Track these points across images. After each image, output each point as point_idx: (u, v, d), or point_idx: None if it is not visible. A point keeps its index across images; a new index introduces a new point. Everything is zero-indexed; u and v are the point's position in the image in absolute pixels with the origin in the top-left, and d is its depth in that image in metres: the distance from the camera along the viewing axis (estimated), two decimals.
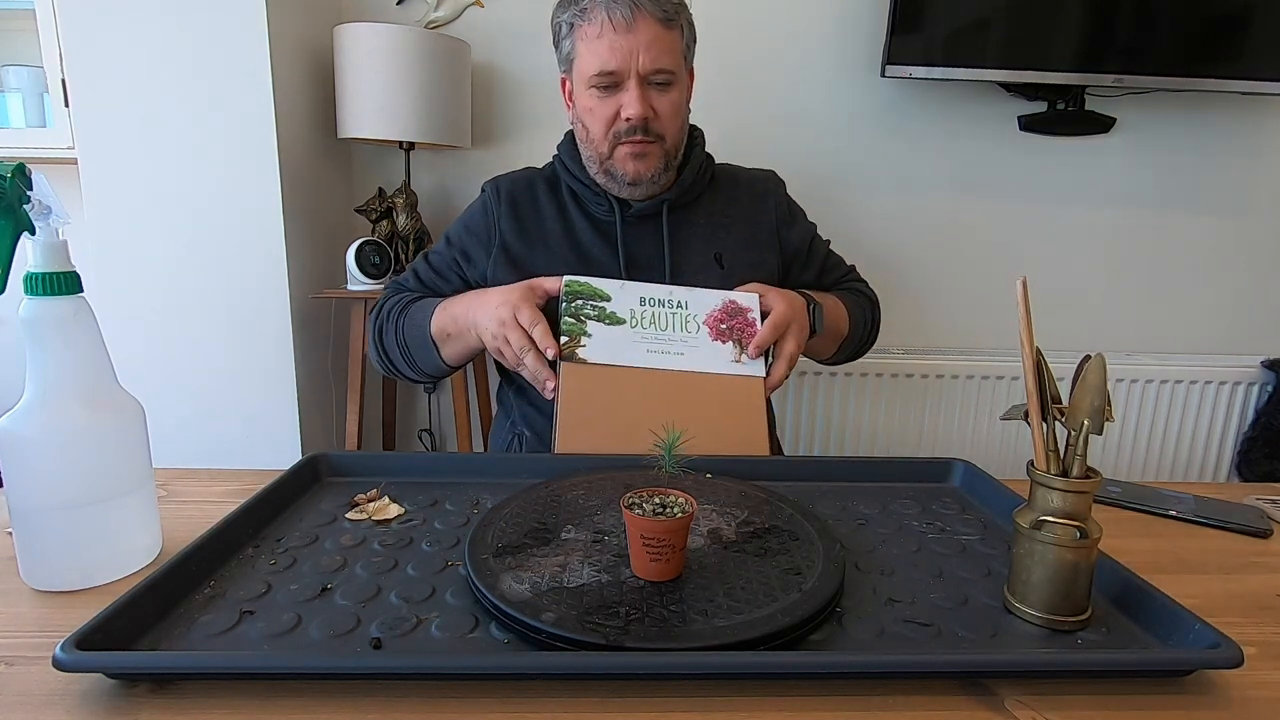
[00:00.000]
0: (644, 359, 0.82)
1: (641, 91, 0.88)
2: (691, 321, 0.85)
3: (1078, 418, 0.50)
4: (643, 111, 0.88)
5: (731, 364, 0.83)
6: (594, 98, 0.90)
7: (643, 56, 0.87)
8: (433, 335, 0.91)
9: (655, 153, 0.92)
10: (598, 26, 0.86)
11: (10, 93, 1.69)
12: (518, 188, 1.00)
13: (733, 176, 1.06)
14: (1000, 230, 1.81)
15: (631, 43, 0.86)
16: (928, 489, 0.77)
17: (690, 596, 0.51)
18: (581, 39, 0.89)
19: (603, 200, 0.97)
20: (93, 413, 0.55)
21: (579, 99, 0.93)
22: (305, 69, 1.50)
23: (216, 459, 1.45)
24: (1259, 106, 1.75)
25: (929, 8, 1.57)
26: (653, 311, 0.84)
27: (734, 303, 0.86)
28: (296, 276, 1.45)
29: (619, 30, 0.85)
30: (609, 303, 0.83)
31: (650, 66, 0.87)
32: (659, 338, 0.83)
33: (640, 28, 0.86)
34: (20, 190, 0.53)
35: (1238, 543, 0.70)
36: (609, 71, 0.87)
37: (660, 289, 0.86)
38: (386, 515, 0.67)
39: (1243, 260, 1.85)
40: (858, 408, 1.76)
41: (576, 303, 0.83)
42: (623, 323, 0.83)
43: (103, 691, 0.44)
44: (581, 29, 0.88)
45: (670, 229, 0.96)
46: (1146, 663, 0.48)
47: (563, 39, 0.92)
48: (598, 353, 0.81)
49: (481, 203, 1.02)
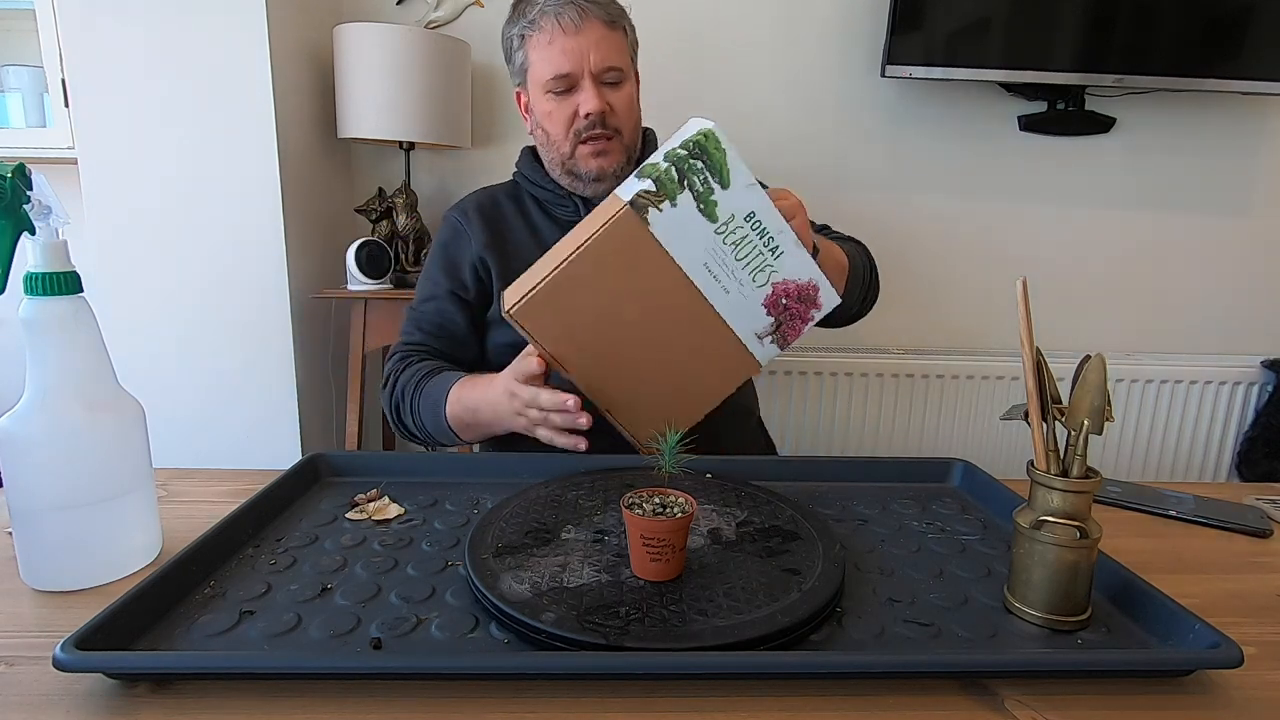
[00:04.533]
0: (692, 270, 0.71)
1: (596, 89, 0.92)
2: (764, 272, 0.73)
3: (1078, 418, 0.50)
4: (600, 105, 0.92)
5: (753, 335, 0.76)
6: (551, 101, 0.93)
7: (593, 55, 0.91)
8: (452, 428, 0.89)
9: (615, 148, 0.96)
10: (548, 34, 0.91)
11: (10, 93, 1.69)
12: (483, 204, 1.03)
13: None
14: (1000, 230, 1.81)
15: (581, 44, 0.90)
16: (928, 489, 0.77)
17: (690, 596, 0.51)
18: (534, 48, 0.93)
19: (567, 201, 1.00)
20: (93, 413, 0.55)
21: (537, 105, 0.96)
22: (305, 69, 1.50)
23: (216, 459, 1.45)
24: (1259, 106, 1.75)
25: (929, 8, 1.57)
26: (746, 234, 0.71)
27: (814, 288, 0.75)
28: (296, 276, 1.45)
29: (568, 33, 0.90)
30: (723, 193, 0.69)
31: (601, 64, 0.91)
32: (724, 262, 0.72)
33: (587, 29, 0.90)
34: (20, 190, 0.53)
35: (1238, 543, 0.70)
36: (563, 74, 0.91)
37: (776, 220, 0.71)
38: (386, 515, 0.67)
39: (1243, 260, 1.85)
40: (858, 408, 1.76)
41: (694, 162, 0.68)
42: (714, 221, 0.70)
43: (103, 691, 0.44)
44: (532, 39, 0.92)
45: None
46: (1146, 663, 0.48)
47: (515, 51, 0.96)
48: (662, 229, 0.69)
49: (452, 226, 1.03)
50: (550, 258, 0.73)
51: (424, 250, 1.59)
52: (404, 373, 0.95)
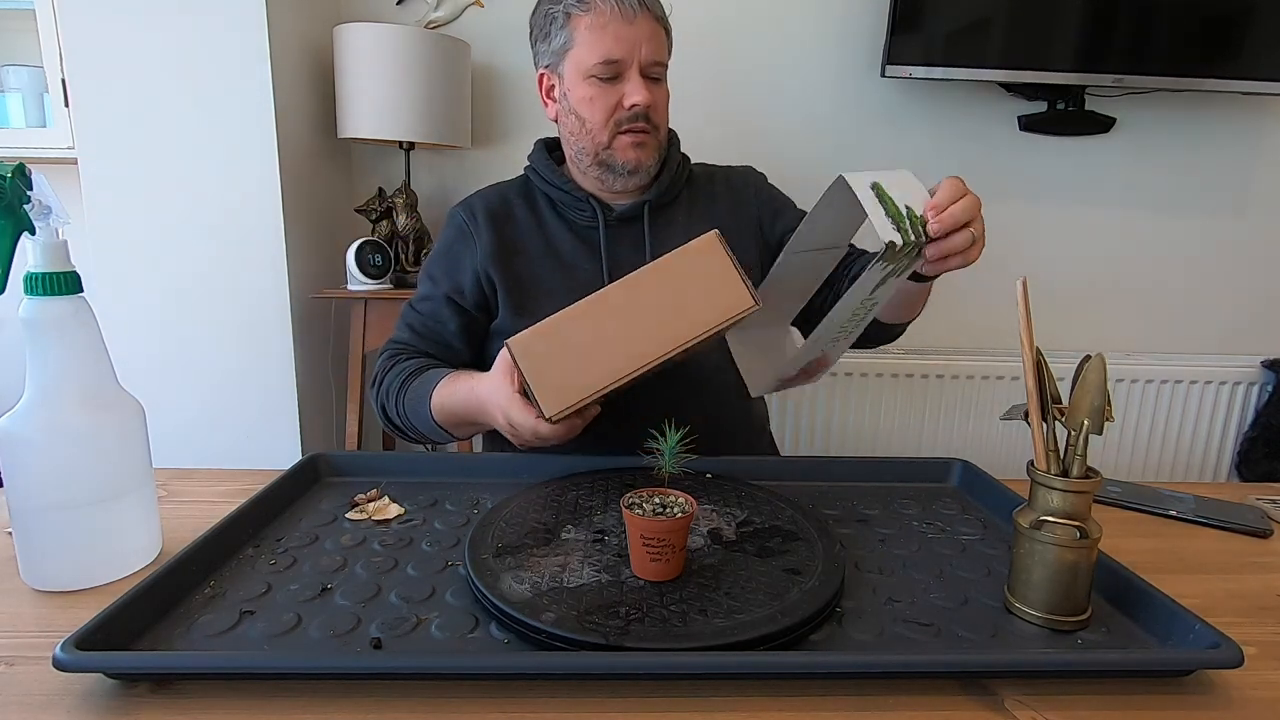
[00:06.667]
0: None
1: (644, 81, 0.90)
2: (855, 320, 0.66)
3: (1078, 418, 0.50)
4: (648, 98, 0.90)
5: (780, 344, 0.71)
6: (594, 86, 0.90)
7: (645, 48, 0.89)
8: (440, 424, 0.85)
9: (652, 143, 0.94)
10: (604, 17, 0.88)
11: (10, 93, 1.69)
12: (491, 204, 0.98)
13: (709, 174, 1.06)
14: (1000, 230, 1.80)
15: (635, 34, 0.89)
16: (928, 489, 0.77)
17: (690, 596, 0.51)
18: (582, 29, 0.89)
19: (584, 205, 0.96)
20: (93, 413, 0.55)
21: (574, 90, 0.92)
22: (305, 69, 1.50)
23: (216, 459, 1.45)
24: (1259, 106, 1.75)
25: (929, 8, 1.57)
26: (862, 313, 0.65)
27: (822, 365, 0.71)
28: (296, 276, 1.45)
29: (626, 20, 0.88)
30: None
31: (650, 58, 0.90)
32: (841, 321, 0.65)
33: (641, 21, 0.89)
34: (20, 190, 0.53)
35: (1238, 543, 0.70)
36: (614, 60, 0.89)
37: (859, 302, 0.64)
38: (386, 515, 0.67)
39: (1243, 260, 1.85)
40: (858, 408, 1.76)
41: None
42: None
43: (103, 691, 0.44)
44: (582, 19, 0.89)
45: (651, 230, 0.97)
46: (1146, 663, 0.48)
47: (555, 30, 0.91)
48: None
49: (456, 227, 0.98)
50: (602, 338, 0.62)
51: (424, 250, 1.59)
52: (390, 371, 0.93)
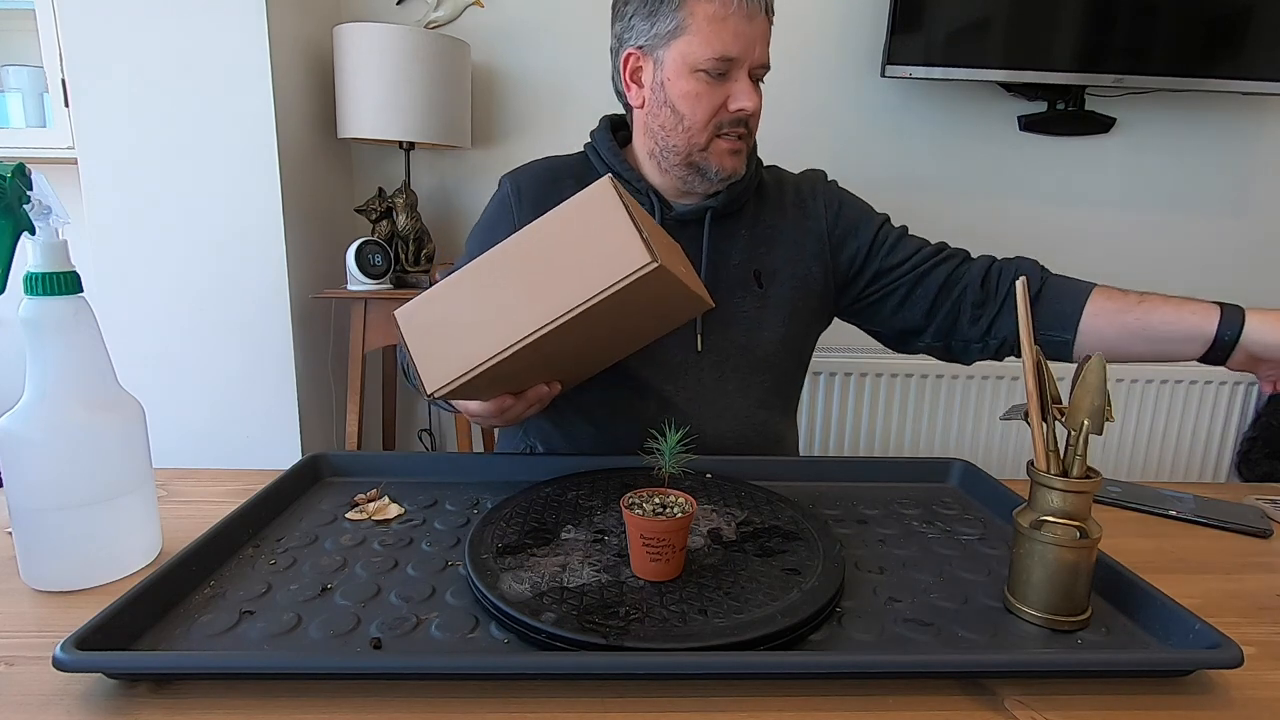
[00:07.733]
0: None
1: (754, 84, 0.84)
2: None
3: (1078, 418, 0.50)
4: (758, 104, 0.84)
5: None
6: (702, 82, 0.83)
7: (759, 48, 0.84)
8: None
9: (745, 151, 0.88)
10: (728, 7, 0.80)
11: (10, 93, 1.69)
12: (541, 182, 0.91)
13: (779, 181, 0.99)
14: (1000, 230, 1.81)
15: (754, 32, 0.82)
16: (928, 489, 0.77)
17: (690, 596, 0.51)
18: (704, 18, 0.81)
19: (643, 198, 0.89)
20: (93, 413, 0.55)
21: (676, 82, 0.83)
22: (305, 69, 1.50)
23: (216, 459, 1.45)
24: (1259, 106, 1.75)
25: (929, 8, 1.57)
26: None
27: None
28: (296, 276, 1.45)
29: (748, 17, 0.81)
30: None
31: (761, 60, 0.84)
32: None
33: (760, 21, 0.83)
34: (20, 190, 0.53)
35: (1238, 543, 0.70)
36: (730, 57, 0.81)
37: None
38: (386, 515, 0.67)
39: (1243, 260, 1.85)
40: (858, 408, 1.76)
41: None
42: None
43: (103, 691, 0.44)
44: (701, 6, 0.81)
45: (710, 239, 0.89)
46: (1146, 663, 0.48)
47: (667, 10, 0.82)
48: None
49: (499, 199, 0.93)
50: (480, 308, 0.57)
51: (424, 250, 1.59)
52: None
